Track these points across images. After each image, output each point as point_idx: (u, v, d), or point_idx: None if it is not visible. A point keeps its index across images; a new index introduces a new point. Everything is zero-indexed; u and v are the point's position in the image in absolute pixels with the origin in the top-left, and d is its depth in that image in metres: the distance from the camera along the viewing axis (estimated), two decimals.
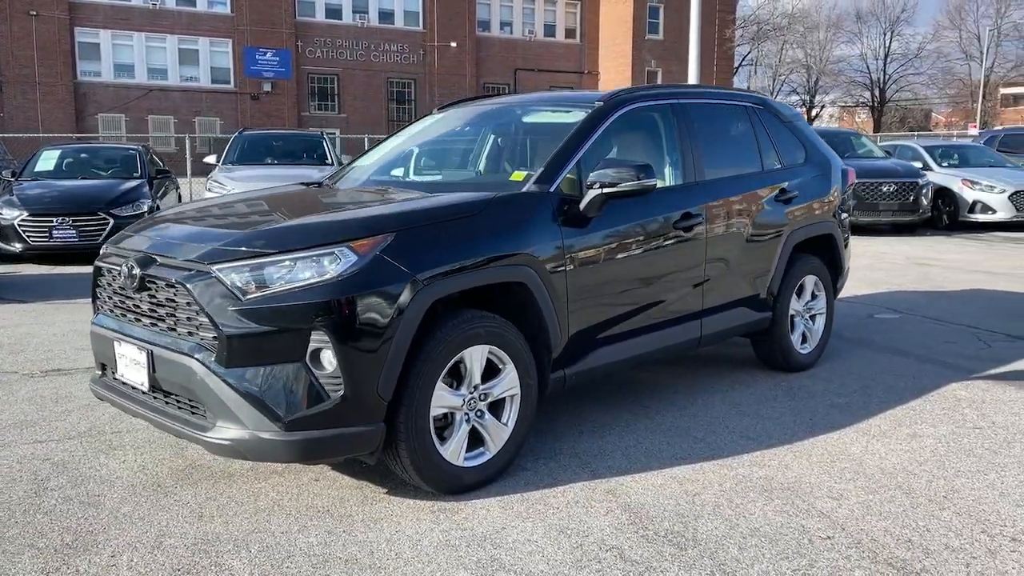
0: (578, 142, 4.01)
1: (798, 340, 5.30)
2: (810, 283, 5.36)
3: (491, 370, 3.50)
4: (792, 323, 5.24)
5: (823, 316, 5.49)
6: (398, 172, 4.82)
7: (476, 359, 3.41)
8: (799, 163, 5.31)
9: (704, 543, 3.03)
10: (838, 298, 6.03)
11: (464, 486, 3.42)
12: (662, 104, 4.57)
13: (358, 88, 41.43)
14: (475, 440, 3.48)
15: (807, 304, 5.38)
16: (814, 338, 5.44)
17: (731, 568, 2.85)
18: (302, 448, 3.06)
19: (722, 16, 42.67)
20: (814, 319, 5.45)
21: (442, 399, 3.32)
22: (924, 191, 13.70)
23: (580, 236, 3.79)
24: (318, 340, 3.03)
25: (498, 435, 3.53)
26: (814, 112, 54.12)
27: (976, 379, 5.18)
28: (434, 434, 3.31)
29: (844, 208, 5.66)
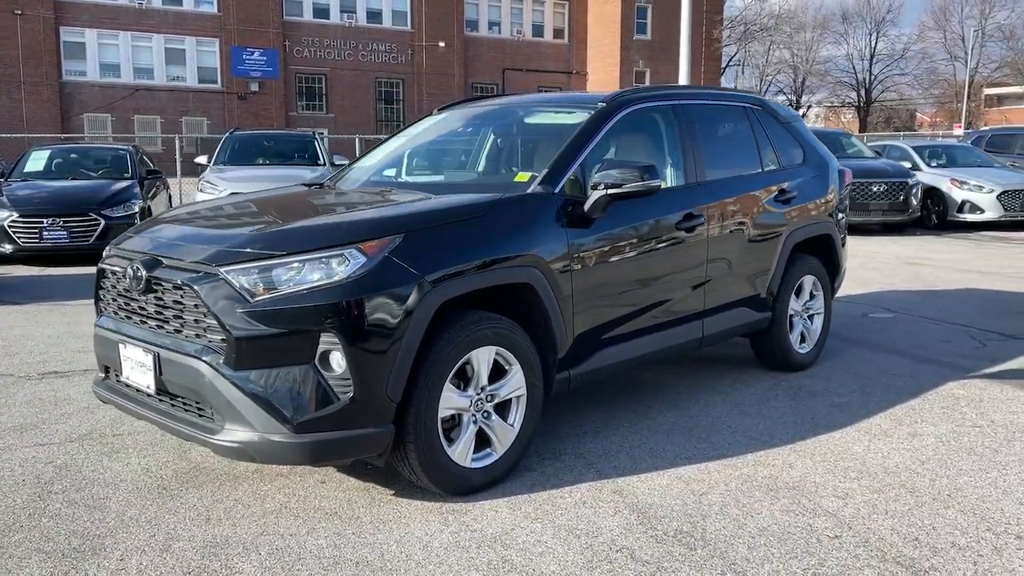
0: (582, 143, 4.01)
1: (797, 340, 5.33)
2: (808, 283, 5.39)
3: (497, 371, 3.51)
4: (791, 323, 5.26)
5: (821, 316, 5.53)
6: (400, 173, 4.81)
7: (483, 360, 3.41)
8: (797, 163, 5.34)
9: (713, 543, 3.04)
10: (833, 298, 6.06)
11: (472, 487, 3.42)
12: (663, 105, 4.58)
13: (346, 88, 41.31)
14: (482, 441, 3.48)
15: (805, 304, 5.41)
16: (812, 338, 5.47)
17: (742, 568, 2.87)
18: (312, 450, 3.05)
19: (709, 17, 42.79)
20: (812, 319, 5.48)
21: (450, 400, 3.32)
22: (914, 191, 13.79)
23: (585, 237, 3.80)
24: (327, 342, 3.03)
25: (505, 436, 3.53)
26: (800, 112, 54.31)
27: (973, 378, 5.22)
28: (442, 435, 3.31)
29: (841, 208, 5.69)
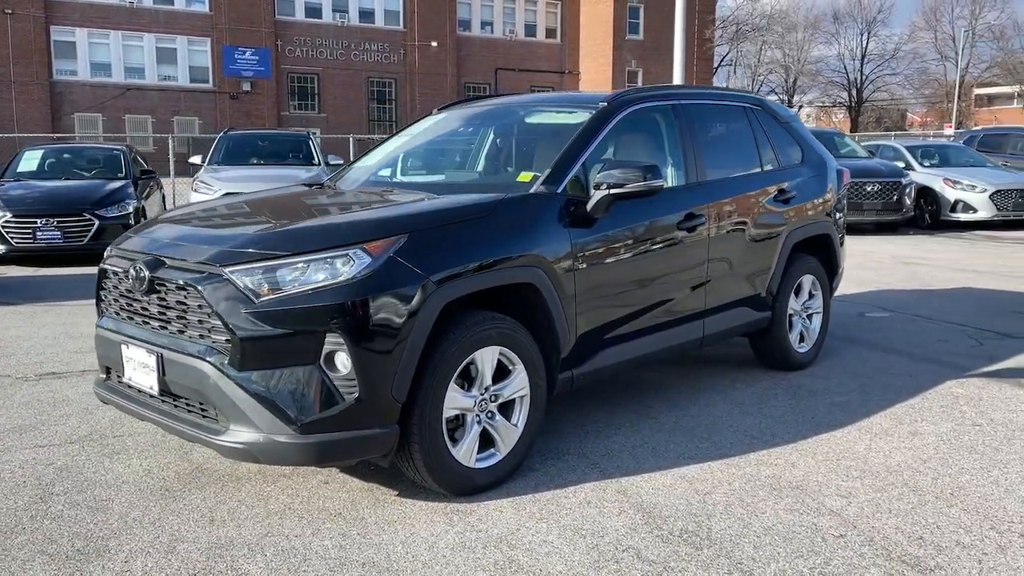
0: (584, 143, 4.01)
1: (796, 339, 5.34)
2: (807, 282, 5.40)
3: (501, 371, 3.50)
4: (790, 322, 5.28)
5: (820, 315, 5.54)
6: (400, 173, 4.80)
7: (487, 360, 3.41)
8: (796, 163, 5.35)
9: (719, 542, 3.05)
10: (831, 297, 6.07)
11: (476, 487, 3.42)
12: (664, 105, 4.58)
13: (338, 88, 41.23)
14: (485, 441, 3.48)
15: (804, 303, 5.42)
16: (811, 337, 5.48)
17: (748, 567, 2.87)
18: (317, 451, 3.04)
19: (701, 16, 42.85)
20: (811, 318, 5.49)
21: (454, 400, 3.32)
22: (907, 190, 13.85)
23: (587, 237, 3.80)
24: (332, 342, 3.02)
25: (508, 436, 3.52)
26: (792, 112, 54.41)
27: (971, 377, 5.24)
28: (446, 436, 3.30)
29: (839, 208, 5.71)
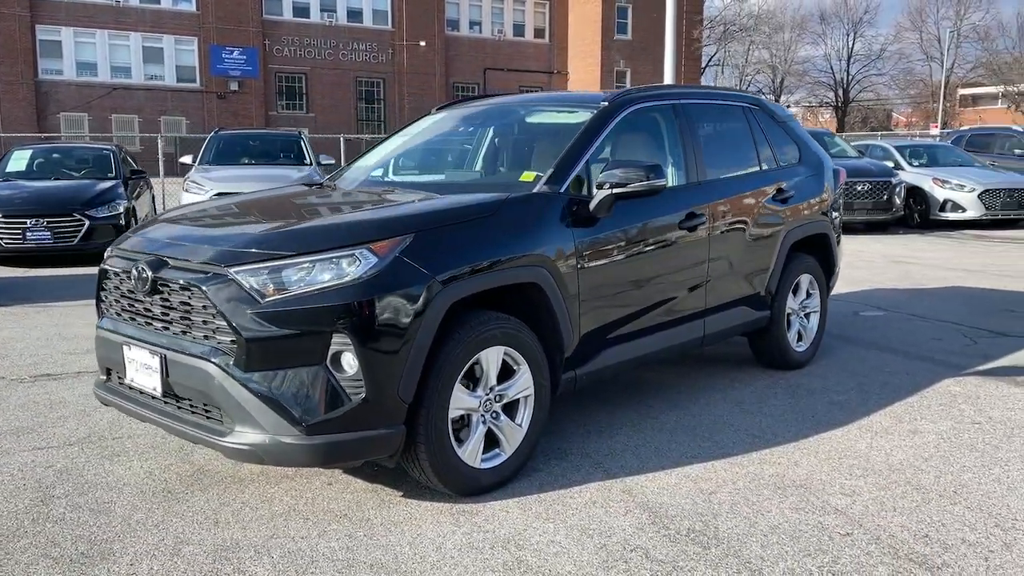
0: (585, 142, 4.01)
1: (794, 338, 5.36)
2: (805, 282, 5.42)
3: (505, 371, 3.49)
4: (788, 321, 5.29)
5: (817, 314, 5.56)
6: (400, 172, 4.78)
7: (492, 360, 3.40)
8: (794, 163, 5.37)
9: (727, 541, 3.05)
10: (828, 296, 6.09)
11: (481, 488, 3.41)
12: (664, 104, 4.58)
13: (326, 87, 41.10)
14: (490, 442, 3.47)
15: (802, 302, 5.44)
16: (809, 336, 5.50)
17: (757, 566, 2.87)
18: (324, 452, 3.02)
19: (689, 17, 42.90)
20: (809, 317, 5.51)
21: (460, 401, 3.30)
22: (897, 190, 13.93)
23: (590, 236, 3.79)
24: (339, 343, 3.00)
25: (513, 436, 3.52)
26: None
27: (967, 375, 5.27)
28: (452, 436, 3.29)
29: (836, 207, 5.73)
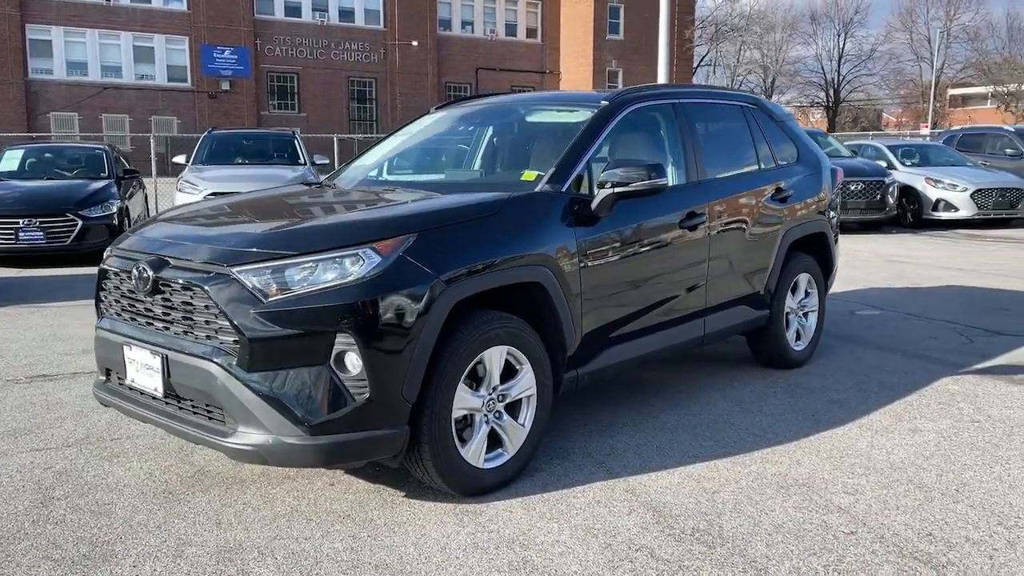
0: (587, 142, 4.00)
1: (793, 337, 5.36)
2: (803, 281, 5.42)
3: (508, 371, 3.48)
4: (787, 320, 5.30)
5: (815, 313, 5.56)
6: (400, 172, 4.77)
7: (495, 360, 3.39)
8: (792, 162, 5.37)
9: (732, 541, 3.04)
10: (826, 295, 6.10)
11: (484, 488, 3.39)
12: (664, 104, 4.58)
13: (318, 87, 41.05)
14: (493, 441, 3.46)
15: (801, 301, 5.45)
16: (807, 335, 5.50)
17: (763, 565, 2.87)
18: (327, 452, 3.01)
19: (681, 17, 43.03)
20: (807, 316, 5.52)
21: (463, 400, 3.29)
22: (890, 189, 13.97)
23: (592, 236, 3.79)
24: (343, 342, 2.99)
25: (516, 436, 3.51)
26: None
27: (965, 374, 5.28)
28: (455, 436, 3.28)
29: (833, 206, 5.74)
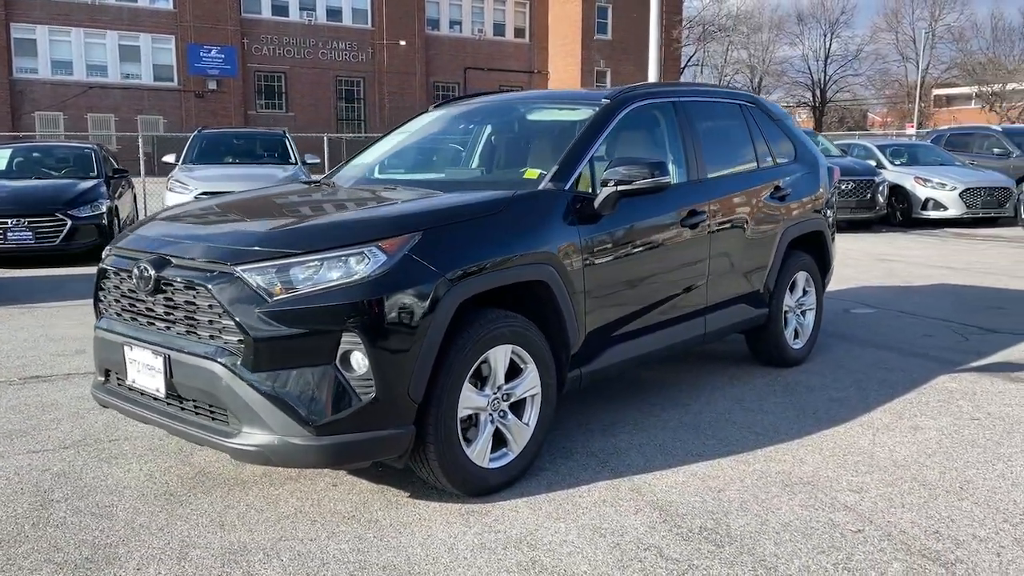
0: (589, 139, 3.99)
1: (791, 335, 5.36)
2: (801, 279, 5.43)
3: (512, 370, 3.46)
4: (785, 319, 5.30)
5: (813, 312, 5.57)
6: (400, 170, 4.74)
7: (500, 359, 3.37)
8: (790, 161, 5.37)
9: (740, 539, 3.04)
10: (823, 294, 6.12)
11: (490, 488, 3.37)
12: (664, 102, 4.57)
13: (306, 86, 40.89)
14: (497, 441, 3.44)
15: (799, 300, 5.45)
16: (805, 333, 5.51)
17: (771, 563, 2.86)
18: (333, 453, 2.98)
19: (669, 17, 42.97)
20: (805, 314, 5.52)
21: (469, 400, 3.27)
22: (881, 188, 14.02)
23: (595, 234, 3.77)
24: (349, 341, 2.96)
25: (520, 435, 3.49)
26: None
27: (962, 371, 5.30)
28: (461, 436, 3.26)
29: (830, 205, 5.75)
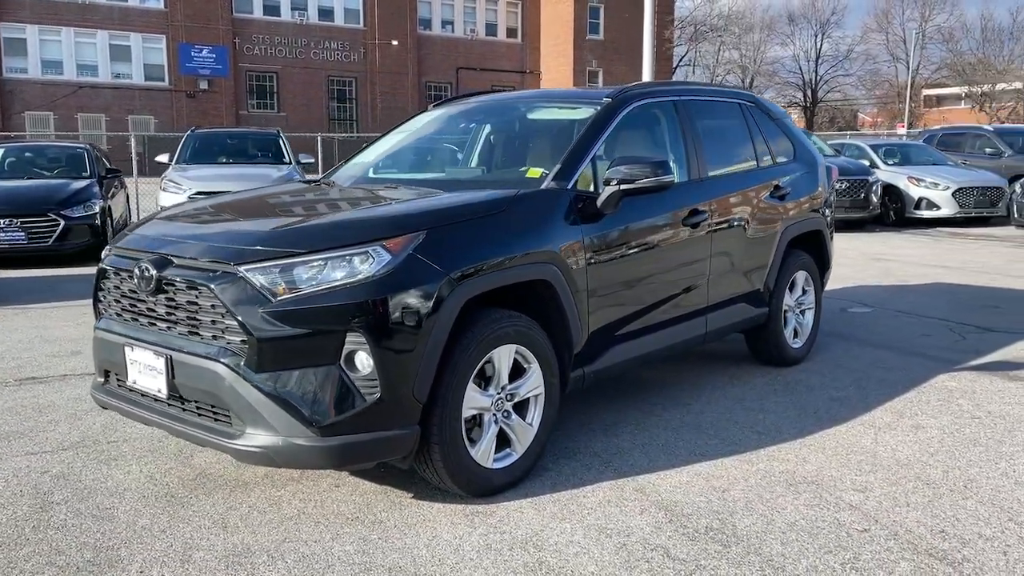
0: (592, 138, 3.97)
1: (790, 335, 5.36)
2: (801, 278, 5.43)
3: (516, 370, 3.45)
4: (785, 318, 5.30)
5: (812, 311, 5.57)
6: (400, 169, 4.72)
7: (504, 359, 3.35)
8: (789, 160, 5.37)
9: (746, 539, 3.03)
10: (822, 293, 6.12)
11: (494, 488, 3.36)
12: (665, 100, 4.56)
13: (298, 86, 40.78)
14: (500, 441, 3.42)
15: (798, 299, 5.45)
16: (804, 332, 5.51)
17: (779, 563, 2.85)
18: (338, 454, 2.96)
19: (660, 17, 42.88)
20: (804, 314, 5.52)
21: (473, 400, 3.25)
22: (874, 188, 14.06)
23: (598, 233, 3.76)
24: (353, 342, 2.94)
25: (524, 436, 3.47)
26: None
27: (961, 370, 5.31)
28: (465, 436, 3.24)
29: (829, 204, 5.75)
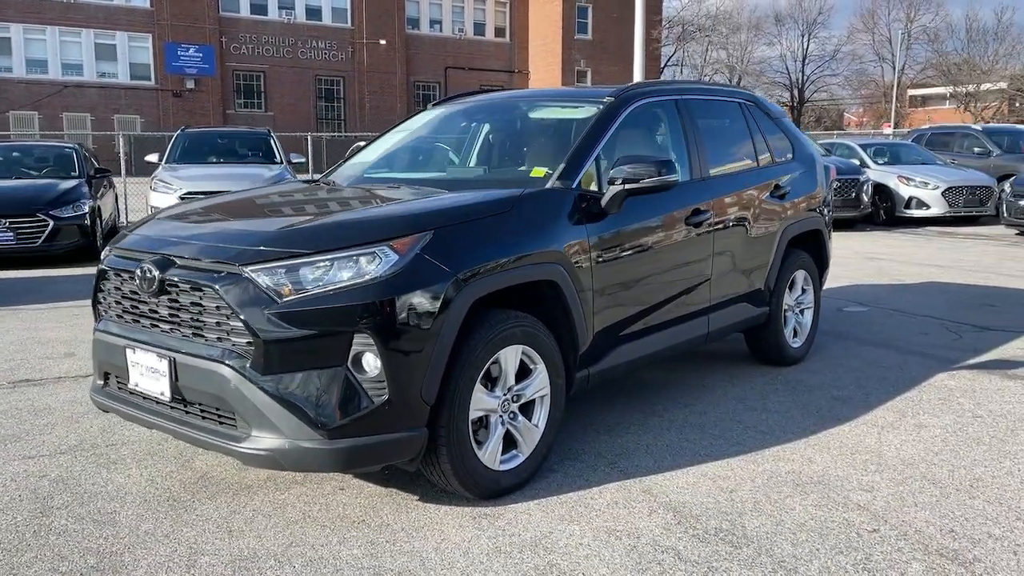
0: (595, 137, 3.95)
1: (790, 334, 5.36)
2: (800, 278, 5.42)
3: (522, 371, 3.42)
4: (785, 318, 5.29)
5: (811, 310, 5.57)
6: (401, 168, 4.68)
7: (511, 360, 3.32)
8: (788, 159, 5.37)
9: (757, 540, 3.01)
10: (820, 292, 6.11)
11: (501, 490, 3.33)
12: (667, 100, 4.55)
13: (285, 86, 40.61)
14: (507, 443, 3.39)
15: (797, 299, 5.45)
16: (804, 332, 5.51)
17: (791, 564, 2.84)
18: (346, 456, 2.92)
19: (648, 17, 43.07)
20: (803, 313, 5.52)
21: (480, 401, 3.23)
22: (865, 187, 14.10)
23: (602, 232, 3.74)
24: (361, 343, 2.90)
25: (530, 437, 3.45)
26: None
27: (960, 369, 5.32)
28: (472, 438, 3.21)
29: (827, 203, 5.75)
